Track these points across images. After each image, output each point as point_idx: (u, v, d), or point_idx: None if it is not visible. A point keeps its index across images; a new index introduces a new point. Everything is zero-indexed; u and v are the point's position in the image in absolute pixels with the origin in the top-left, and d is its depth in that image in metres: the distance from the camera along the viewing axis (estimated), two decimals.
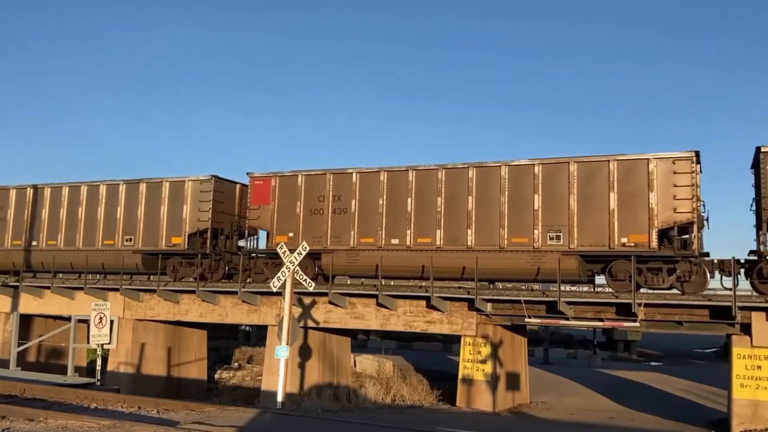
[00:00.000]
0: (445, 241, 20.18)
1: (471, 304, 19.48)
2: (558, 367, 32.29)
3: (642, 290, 18.23)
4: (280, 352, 16.08)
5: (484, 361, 19.58)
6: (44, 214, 26.51)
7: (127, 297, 24.26)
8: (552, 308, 18.55)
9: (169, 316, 24.08)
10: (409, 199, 20.80)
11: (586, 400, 23.43)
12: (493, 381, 19.47)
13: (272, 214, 22.47)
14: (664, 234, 17.91)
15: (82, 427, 10.79)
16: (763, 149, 17.37)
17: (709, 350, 40.87)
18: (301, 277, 16.88)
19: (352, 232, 21.39)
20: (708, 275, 17.92)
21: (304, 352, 21.70)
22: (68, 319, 22.79)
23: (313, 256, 20.83)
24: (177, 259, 23.97)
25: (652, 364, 35.13)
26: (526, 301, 18.79)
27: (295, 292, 17.32)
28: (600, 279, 19.50)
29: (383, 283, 20.76)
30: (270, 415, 13.96)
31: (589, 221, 18.40)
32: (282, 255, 16.76)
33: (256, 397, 22.40)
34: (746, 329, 17.01)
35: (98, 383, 18.79)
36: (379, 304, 20.60)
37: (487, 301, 19.43)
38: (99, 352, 20.03)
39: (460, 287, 20.19)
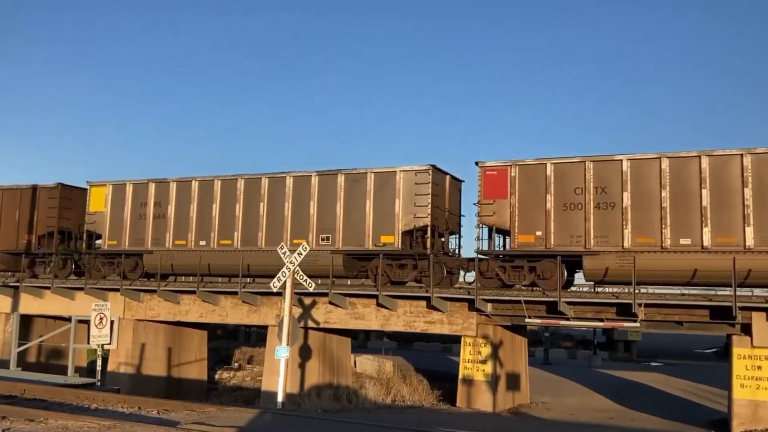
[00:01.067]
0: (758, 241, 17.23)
1: (471, 305, 19.47)
2: (558, 367, 32.28)
3: (643, 290, 18.25)
4: (281, 353, 16.09)
5: (484, 362, 19.58)
6: (215, 209, 23.57)
7: (128, 297, 24.25)
8: (552, 308, 18.55)
9: (169, 316, 24.08)
10: (704, 190, 17.73)
11: (586, 400, 23.42)
12: (493, 381, 19.46)
13: (512, 209, 19.65)
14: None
15: (83, 427, 10.80)
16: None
17: (709, 350, 40.86)
18: (301, 277, 16.89)
19: (625, 230, 18.38)
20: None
21: (305, 353, 21.70)
22: (68, 319, 22.82)
23: (571, 258, 18.98)
24: (385, 260, 20.92)
25: (652, 364, 35.11)
26: (526, 302, 18.79)
27: (295, 293, 17.32)
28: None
29: (383, 283, 20.76)
30: (270, 415, 13.96)
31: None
32: (282, 255, 16.77)
33: (256, 398, 22.40)
34: (746, 329, 17.00)
35: (98, 383, 18.82)
36: (379, 305, 20.60)
37: (488, 301, 19.43)
38: (99, 353, 20.04)
39: (460, 287, 20.19)
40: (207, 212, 23.58)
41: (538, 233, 19.25)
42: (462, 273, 21.60)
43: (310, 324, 21.71)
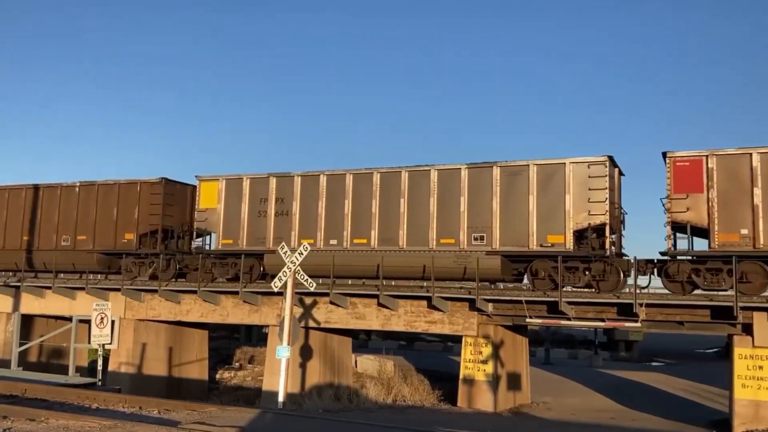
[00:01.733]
0: None
1: (472, 305, 19.48)
2: (559, 367, 32.26)
3: (644, 290, 18.23)
4: (281, 352, 16.09)
5: (485, 362, 19.58)
6: (347, 206, 21.53)
7: (128, 297, 24.26)
8: (553, 308, 18.54)
9: (170, 316, 24.08)
10: None
11: (587, 400, 23.41)
12: (494, 381, 19.46)
13: (710, 205, 17.63)
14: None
15: (84, 427, 10.80)
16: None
17: (710, 350, 40.82)
18: (302, 276, 16.90)
19: None
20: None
21: (305, 353, 21.71)
22: (69, 319, 22.82)
23: None
24: (547, 263, 18.95)
25: (654, 364, 35.09)
26: (527, 301, 18.79)
27: (296, 292, 17.32)
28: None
29: (384, 283, 20.76)
30: (271, 415, 13.95)
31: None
32: (283, 255, 16.77)
33: (257, 398, 22.41)
34: (748, 329, 17.00)
35: (99, 383, 18.81)
36: (380, 305, 20.60)
37: (488, 301, 19.43)
38: (100, 352, 20.05)
39: (461, 287, 20.20)
40: (338, 209, 21.60)
41: (744, 231, 17.25)
42: (631, 276, 18.61)
43: (311, 324, 21.71)
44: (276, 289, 17.30)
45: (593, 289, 18.75)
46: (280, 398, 15.90)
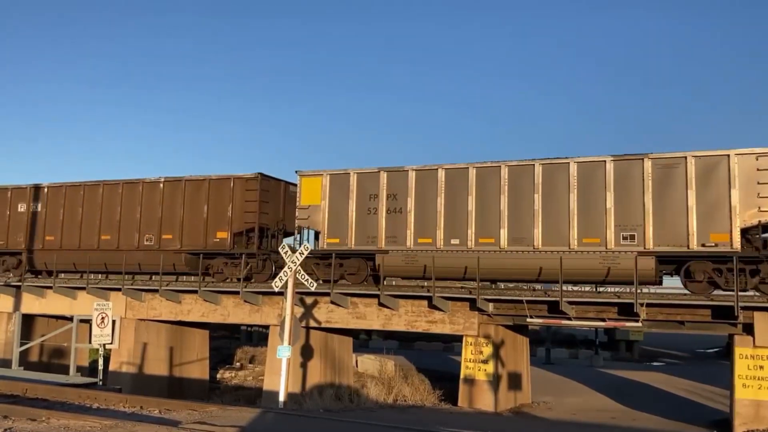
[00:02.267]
0: None
1: (473, 304, 19.47)
2: (560, 367, 32.25)
3: (645, 290, 18.23)
4: (282, 352, 16.10)
5: (485, 361, 19.58)
6: (470, 202, 19.92)
7: (129, 297, 24.27)
8: (554, 308, 18.54)
9: (171, 315, 24.09)
10: None
11: (588, 400, 23.41)
12: (494, 381, 19.46)
13: None
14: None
15: (84, 426, 10.80)
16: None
17: (711, 350, 40.80)
18: (302, 276, 16.90)
19: None
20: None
21: (306, 352, 21.71)
22: (70, 319, 22.81)
23: None
24: (707, 264, 17.54)
25: (654, 364, 35.09)
26: (528, 301, 18.78)
27: (296, 292, 17.33)
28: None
29: (385, 283, 20.76)
30: (272, 414, 13.95)
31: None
32: (283, 255, 16.78)
33: (258, 397, 22.42)
34: (749, 329, 16.98)
35: (100, 383, 18.79)
36: (380, 304, 20.60)
37: (489, 301, 19.42)
38: (101, 352, 20.03)
39: (462, 287, 20.19)
40: (459, 205, 20.02)
41: None
42: None
43: (312, 324, 21.72)
44: (277, 289, 17.31)
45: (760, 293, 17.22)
46: (281, 398, 15.91)
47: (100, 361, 19.94)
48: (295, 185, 22.71)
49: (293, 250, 16.77)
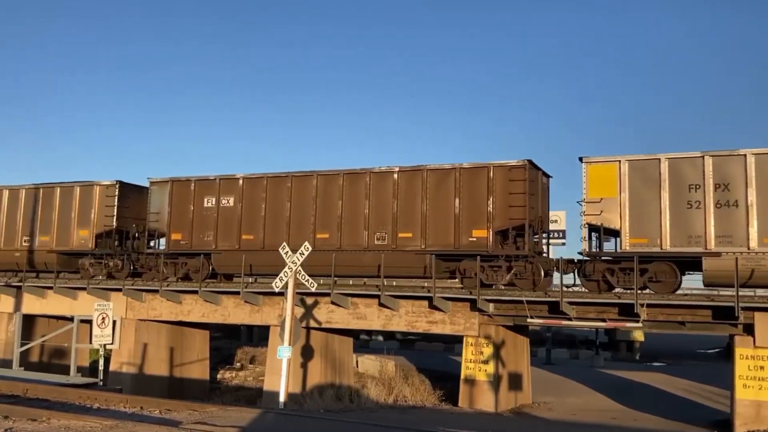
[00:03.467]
0: None
1: (473, 305, 19.47)
2: (560, 367, 32.24)
3: (646, 290, 18.23)
4: (283, 353, 16.11)
5: (486, 362, 19.58)
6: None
7: (130, 297, 24.29)
8: (554, 308, 18.53)
9: (171, 316, 24.10)
10: None
11: (589, 400, 23.40)
12: (495, 381, 19.46)
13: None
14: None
15: (85, 427, 10.81)
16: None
17: (711, 351, 40.76)
18: (303, 277, 16.90)
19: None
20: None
21: (307, 353, 21.72)
22: (71, 319, 22.83)
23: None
24: None
25: (655, 364, 35.03)
26: (528, 302, 18.78)
27: (297, 293, 17.34)
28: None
29: (385, 283, 20.76)
30: (272, 415, 13.96)
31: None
32: (284, 256, 16.78)
33: (258, 398, 22.43)
34: (749, 330, 16.98)
35: (101, 383, 18.81)
36: (381, 305, 20.60)
37: (489, 301, 19.42)
38: (101, 353, 20.05)
39: (462, 287, 20.20)
40: None
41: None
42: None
43: (312, 324, 21.72)
44: (277, 290, 17.31)
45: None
46: (282, 398, 15.91)
47: (101, 362, 19.96)
48: (547, 175, 21.43)
49: (293, 251, 16.77)
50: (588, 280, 18.79)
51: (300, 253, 16.54)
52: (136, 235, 24.97)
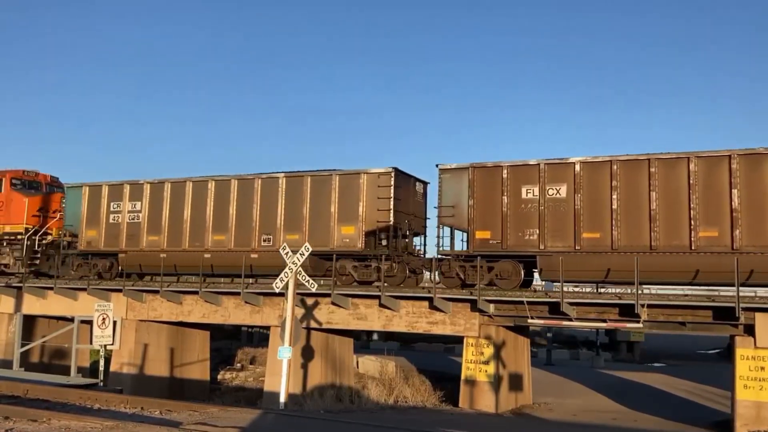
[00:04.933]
0: None
1: (474, 305, 19.47)
2: (560, 368, 32.24)
3: (647, 291, 18.24)
4: (283, 353, 16.11)
5: (486, 362, 19.58)
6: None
7: (130, 298, 24.29)
8: (555, 309, 18.53)
9: (171, 316, 24.11)
10: None
11: (589, 400, 23.40)
12: (495, 382, 19.46)
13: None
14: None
15: (85, 427, 10.81)
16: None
17: (712, 351, 40.77)
18: (303, 277, 16.91)
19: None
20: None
21: (307, 353, 21.71)
22: (71, 319, 22.85)
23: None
24: None
25: (655, 365, 35.05)
26: (528, 302, 18.78)
27: (297, 293, 17.34)
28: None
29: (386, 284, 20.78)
30: (273, 415, 13.96)
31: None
32: (284, 256, 16.79)
33: (258, 398, 22.43)
34: (750, 330, 16.97)
35: (101, 384, 18.82)
36: (381, 305, 20.60)
37: (490, 302, 19.41)
38: (102, 353, 20.07)
39: (464, 288, 20.20)
40: None
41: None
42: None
43: (313, 324, 21.72)
44: (277, 290, 17.32)
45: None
46: (282, 399, 15.91)
47: (101, 362, 19.98)
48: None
49: (294, 252, 16.78)
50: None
51: (300, 254, 16.55)
52: (407, 232, 22.10)
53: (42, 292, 26.01)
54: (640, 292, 17.63)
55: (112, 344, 20.31)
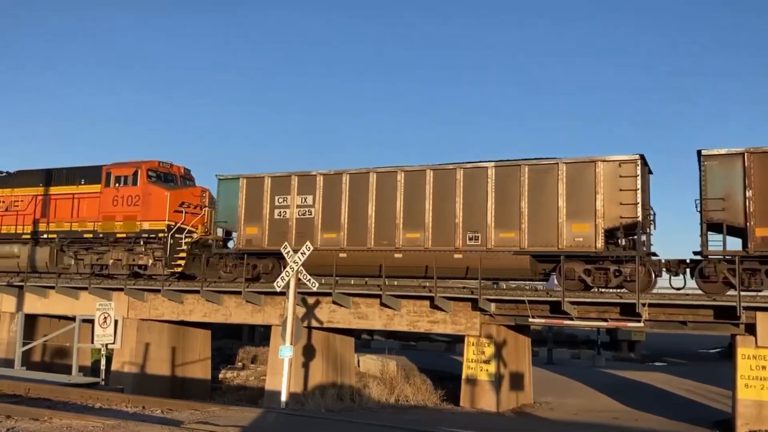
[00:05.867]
0: None
1: (474, 304, 19.47)
2: (561, 367, 32.25)
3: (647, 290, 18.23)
4: (284, 352, 16.13)
5: (487, 361, 19.58)
6: None
7: (131, 297, 24.31)
8: (556, 308, 18.53)
9: (173, 316, 24.13)
10: None
11: (590, 400, 23.40)
12: (496, 381, 19.46)
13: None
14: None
15: (87, 426, 10.83)
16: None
17: (713, 350, 40.75)
18: (304, 276, 16.92)
19: None
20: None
21: (308, 352, 21.73)
22: (73, 319, 22.86)
23: None
24: None
25: (656, 364, 35.05)
26: (529, 301, 18.79)
27: (298, 292, 17.35)
28: None
29: (387, 283, 20.78)
30: (274, 414, 13.97)
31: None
32: (286, 255, 16.81)
33: (260, 397, 22.45)
34: (751, 329, 16.96)
35: (102, 383, 18.84)
36: (382, 304, 20.61)
37: (491, 301, 19.42)
38: (103, 352, 20.07)
39: (464, 287, 20.21)
40: None
41: None
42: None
43: (314, 323, 21.74)
44: (279, 289, 17.33)
45: None
46: (283, 398, 15.93)
47: (103, 361, 19.97)
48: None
49: (295, 250, 16.80)
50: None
51: (302, 253, 16.57)
52: (649, 229, 19.30)
53: (43, 291, 26.04)
54: (641, 291, 17.62)
55: (114, 343, 20.29)
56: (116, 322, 20.39)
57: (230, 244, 24.51)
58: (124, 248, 24.85)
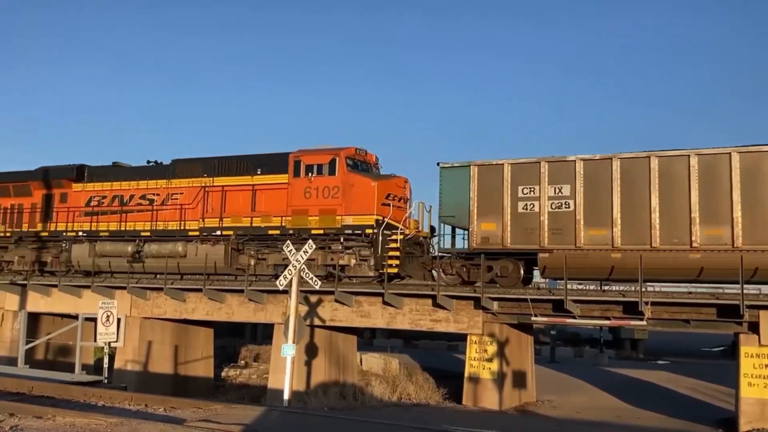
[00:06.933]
0: None
1: (477, 303, 19.46)
2: (564, 365, 32.23)
3: (649, 289, 18.20)
4: (287, 351, 16.14)
5: (490, 360, 19.57)
6: None
7: (134, 295, 24.34)
8: (558, 307, 18.52)
9: (175, 314, 24.16)
10: None
11: (593, 398, 23.38)
12: (499, 379, 19.45)
13: None
14: None
15: (90, 424, 10.85)
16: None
17: (716, 349, 40.68)
18: (307, 275, 16.93)
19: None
20: None
21: (311, 351, 21.73)
22: (76, 317, 22.90)
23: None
24: None
25: (659, 362, 35.00)
26: (532, 300, 18.77)
27: (301, 291, 17.36)
28: None
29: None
30: (276, 413, 13.99)
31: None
32: (288, 254, 16.81)
33: (262, 395, 22.45)
34: (754, 328, 16.94)
35: (105, 381, 18.88)
36: (385, 303, 20.59)
37: (494, 299, 19.40)
38: (106, 350, 20.10)
39: (466, 286, 20.19)
40: None
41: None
42: None
43: (316, 322, 21.74)
44: (281, 288, 17.34)
45: None
46: (286, 396, 15.95)
47: (105, 360, 20.01)
48: None
49: (297, 249, 16.80)
50: None
51: (304, 251, 16.57)
52: None
53: (46, 290, 26.10)
54: (644, 289, 17.60)
55: (116, 341, 20.33)
56: (119, 320, 20.43)
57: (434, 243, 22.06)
58: (318, 246, 20.55)
